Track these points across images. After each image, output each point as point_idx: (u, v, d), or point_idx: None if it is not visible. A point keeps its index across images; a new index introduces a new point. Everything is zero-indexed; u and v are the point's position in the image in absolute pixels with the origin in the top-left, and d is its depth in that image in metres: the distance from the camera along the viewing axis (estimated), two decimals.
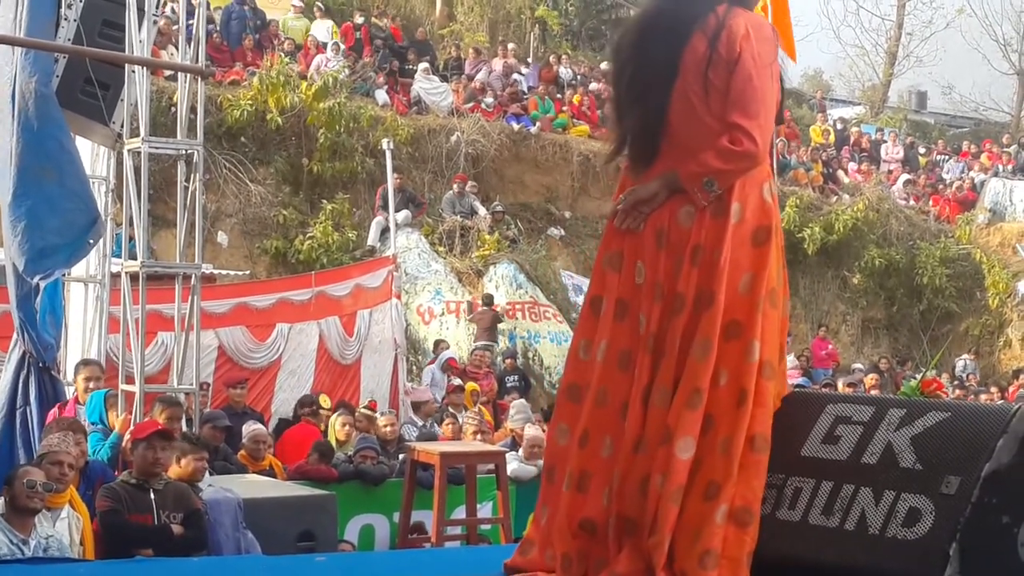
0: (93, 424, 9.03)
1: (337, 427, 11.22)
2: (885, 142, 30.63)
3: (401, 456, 10.60)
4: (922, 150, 31.35)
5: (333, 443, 10.85)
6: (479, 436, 11.54)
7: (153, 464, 7.32)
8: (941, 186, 29.34)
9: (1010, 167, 29.41)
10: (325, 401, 12.25)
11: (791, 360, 19.69)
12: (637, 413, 3.95)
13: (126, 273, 9.46)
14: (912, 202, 27.78)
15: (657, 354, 3.95)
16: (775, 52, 3.95)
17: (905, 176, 28.56)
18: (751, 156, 3.88)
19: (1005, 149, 30.55)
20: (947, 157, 31.29)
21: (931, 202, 28.12)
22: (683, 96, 3.96)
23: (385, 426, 11.54)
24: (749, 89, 3.86)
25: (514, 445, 11.58)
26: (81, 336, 11.02)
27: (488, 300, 19.14)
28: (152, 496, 7.24)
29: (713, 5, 3.96)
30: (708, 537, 3.76)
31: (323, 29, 23.87)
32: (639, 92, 4.08)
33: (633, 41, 4.19)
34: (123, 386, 9.45)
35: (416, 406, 13.44)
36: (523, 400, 14.54)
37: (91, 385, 9.44)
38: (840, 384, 17.11)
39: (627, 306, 4.07)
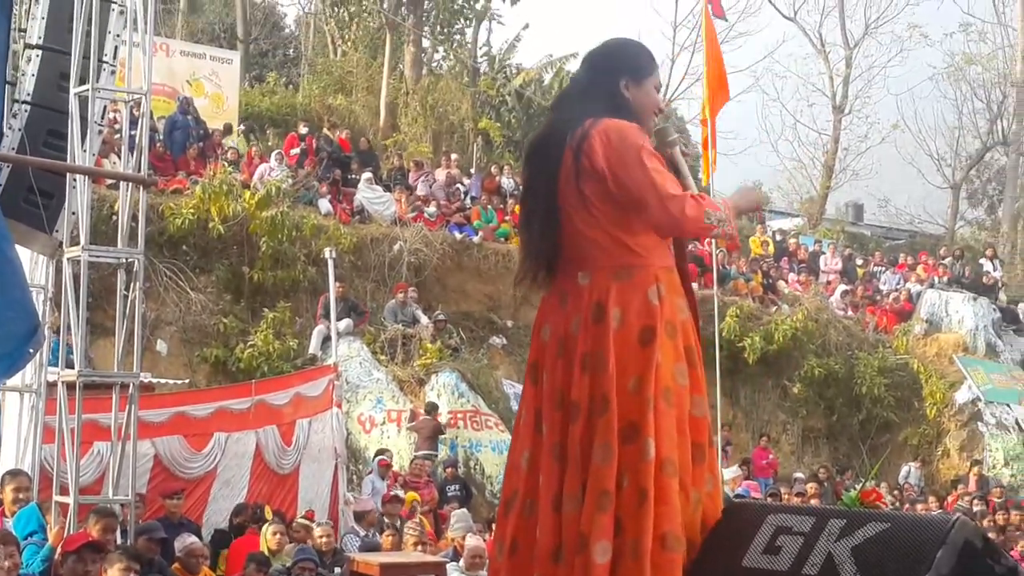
0: (23, 538, 8.80)
1: (268, 536, 11.02)
2: (823, 253, 31.03)
3: (338, 569, 10.44)
4: (859, 261, 31.77)
5: (265, 553, 10.65)
6: (420, 547, 11.39)
7: None
8: (878, 297, 29.68)
9: (945, 279, 29.82)
10: (267, 512, 12.05)
11: (734, 470, 19.67)
12: (549, 521, 3.96)
13: (63, 382, 9.32)
14: (850, 312, 28.06)
15: (562, 461, 4.00)
16: (640, 137, 4.03)
17: (843, 287, 28.90)
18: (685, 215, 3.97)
19: (941, 261, 31.02)
20: (884, 268, 31.71)
21: (868, 312, 28.43)
22: (566, 212, 4.07)
23: (321, 537, 11.36)
24: (639, 190, 3.97)
25: (455, 555, 11.44)
26: (15, 446, 10.81)
27: (431, 408, 19.04)
28: None
29: (582, 119, 4.06)
30: None
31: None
32: (529, 213, 4.23)
33: (526, 162, 4.36)
34: (57, 497, 9.26)
35: (359, 516, 13.28)
36: (464, 509, 14.42)
37: (19, 496, 9.22)
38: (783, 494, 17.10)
39: (543, 415, 4.11)
